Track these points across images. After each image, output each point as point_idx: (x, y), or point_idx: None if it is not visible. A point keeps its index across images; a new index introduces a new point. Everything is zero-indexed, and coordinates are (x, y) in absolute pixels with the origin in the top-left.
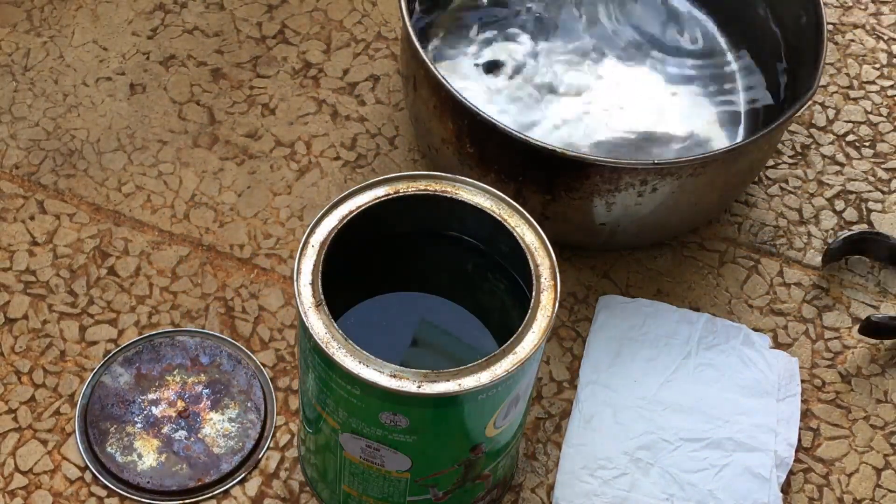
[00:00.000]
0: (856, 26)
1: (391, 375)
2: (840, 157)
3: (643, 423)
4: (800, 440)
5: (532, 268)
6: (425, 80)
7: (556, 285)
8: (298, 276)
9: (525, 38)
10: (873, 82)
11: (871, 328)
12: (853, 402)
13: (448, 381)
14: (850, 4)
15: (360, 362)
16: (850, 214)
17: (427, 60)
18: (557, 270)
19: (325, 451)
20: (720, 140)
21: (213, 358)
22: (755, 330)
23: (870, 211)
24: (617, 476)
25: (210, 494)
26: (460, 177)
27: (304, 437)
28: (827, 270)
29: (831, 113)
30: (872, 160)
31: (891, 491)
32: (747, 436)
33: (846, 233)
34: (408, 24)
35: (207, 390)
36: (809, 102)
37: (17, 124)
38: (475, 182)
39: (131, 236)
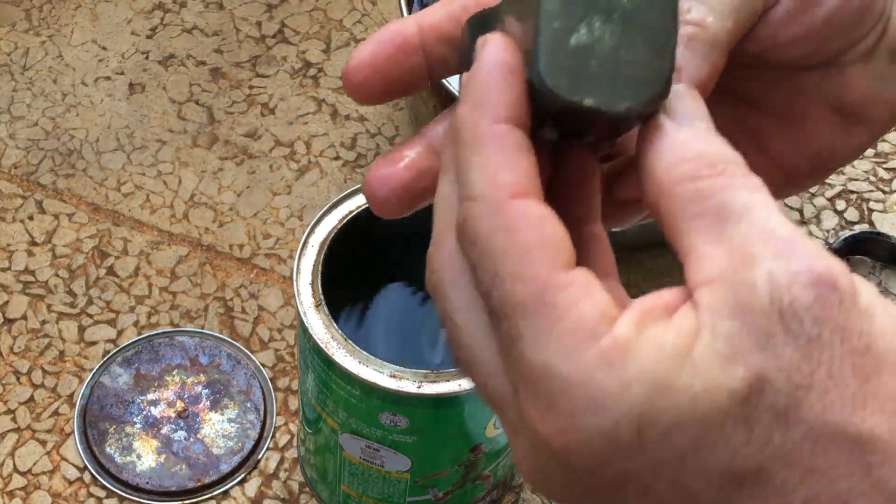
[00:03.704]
0: None
1: (391, 375)
2: None
3: None
4: None
5: None
6: None
7: None
8: (298, 276)
9: None
10: None
11: None
12: None
13: (448, 381)
14: None
15: (360, 362)
16: (852, 214)
17: None
18: None
19: (324, 452)
20: None
21: (213, 358)
22: None
23: (871, 211)
24: None
25: (209, 495)
26: None
27: (304, 437)
28: None
29: None
30: (874, 160)
31: None
32: None
33: (847, 233)
34: None
35: (207, 390)
36: None
37: (15, 124)
38: None
39: (130, 236)
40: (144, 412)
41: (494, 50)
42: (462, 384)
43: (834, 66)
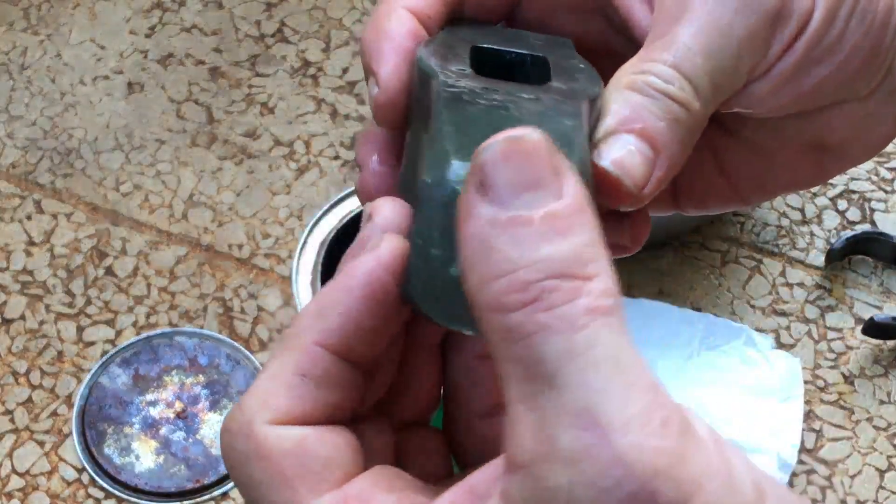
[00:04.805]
0: None
1: None
2: None
3: None
4: (802, 441)
5: None
6: None
7: None
8: (298, 277)
9: None
10: None
11: (875, 328)
12: (856, 403)
13: None
14: None
15: None
16: (853, 214)
17: None
18: None
19: None
20: None
21: (212, 359)
22: (757, 330)
23: (873, 210)
24: None
25: (208, 496)
26: None
27: None
28: (830, 270)
29: None
30: (875, 160)
31: (894, 492)
32: (749, 437)
33: (849, 232)
34: None
35: (206, 391)
36: None
37: (13, 123)
38: None
39: (129, 236)
40: (143, 413)
41: (367, 263)
42: None
43: (823, 109)
